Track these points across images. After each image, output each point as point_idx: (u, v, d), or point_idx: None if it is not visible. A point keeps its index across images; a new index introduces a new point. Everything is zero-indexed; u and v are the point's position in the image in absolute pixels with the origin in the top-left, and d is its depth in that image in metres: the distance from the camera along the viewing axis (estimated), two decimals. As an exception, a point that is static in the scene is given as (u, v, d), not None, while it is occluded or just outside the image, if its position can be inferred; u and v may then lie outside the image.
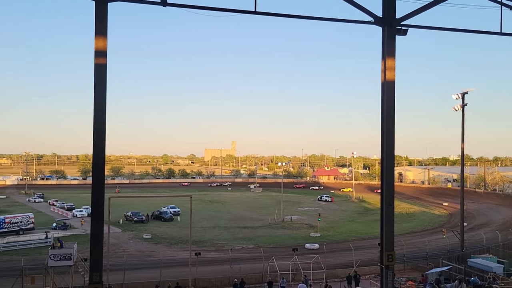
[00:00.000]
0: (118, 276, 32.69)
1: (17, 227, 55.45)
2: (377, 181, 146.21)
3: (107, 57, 16.76)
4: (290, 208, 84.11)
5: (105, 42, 16.53)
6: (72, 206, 78.84)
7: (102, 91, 16.62)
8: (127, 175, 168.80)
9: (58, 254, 31.11)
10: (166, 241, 53.18)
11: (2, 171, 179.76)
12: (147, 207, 75.40)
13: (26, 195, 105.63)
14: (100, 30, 16.33)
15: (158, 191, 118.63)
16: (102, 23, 16.41)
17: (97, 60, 16.47)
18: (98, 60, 16.49)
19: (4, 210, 75.74)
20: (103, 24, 16.43)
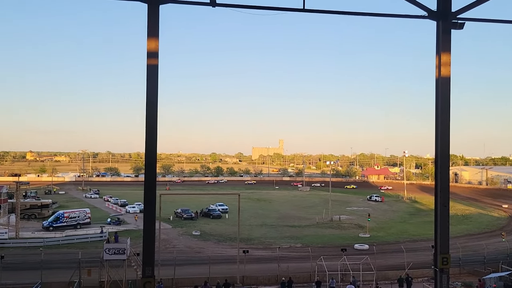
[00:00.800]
0: (168, 271, 33.59)
1: (75, 222, 58.33)
2: (430, 181, 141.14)
3: (158, 58, 17.20)
4: (339, 208, 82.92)
5: (156, 44, 16.97)
6: (125, 202, 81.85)
7: (153, 91, 17.08)
8: (177, 172, 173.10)
9: (113, 248, 32.39)
10: (214, 238, 54.03)
11: (61, 168, 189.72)
12: (196, 204, 76.94)
13: (83, 191, 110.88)
14: (152, 32, 16.78)
15: (207, 189, 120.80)
16: (154, 25, 16.85)
17: (149, 61, 16.92)
18: (150, 61, 16.94)
19: (63, 205, 79.85)
20: (155, 26, 16.87)
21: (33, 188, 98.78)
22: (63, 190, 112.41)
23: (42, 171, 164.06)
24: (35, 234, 53.05)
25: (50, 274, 33.41)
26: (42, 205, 68.91)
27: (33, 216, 65.24)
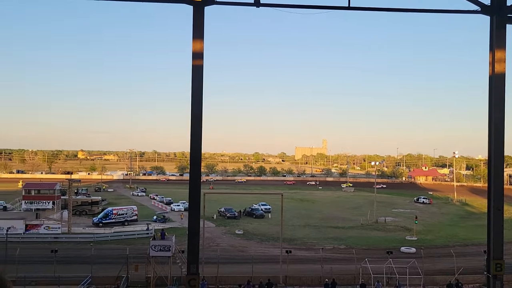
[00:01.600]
0: (212, 269, 34.03)
1: (123, 219, 60.34)
2: (482, 183, 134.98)
3: (203, 58, 17.45)
4: (384, 209, 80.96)
5: (201, 45, 17.22)
6: (171, 200, 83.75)
7: (198, 91, 17.34)
8: (220, 172, 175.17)
9: (159, 245, 33.25)
10: (257, 238, 54.23)
11: (110, 167, 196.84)
12: (239, 203, 77.55)
13: (130, 189, 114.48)
14: (197, 34, 17.05)
15: (250, 188, 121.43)
16: (199, 27, 17.11)
17: (194, 61, 17.20)
18: (195, 62, 17.21)
19: (112, 202, 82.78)
20: (200, 28, 17.13)
21: (84, 186, 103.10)
22: (112, 188, 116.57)
23: (92, 170, 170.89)
24: (85, 230, 55.33)
25: (100, 268, 34.73)
26: (92, 202, 71.75)
27: (84, 212, 68.08)
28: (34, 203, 65.49)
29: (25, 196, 66.94)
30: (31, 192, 66.99)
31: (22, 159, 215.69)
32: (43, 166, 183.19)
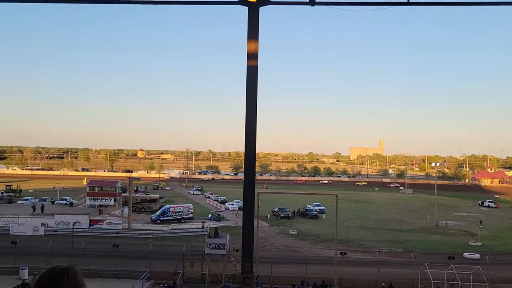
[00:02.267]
0: (265, 268, 34.13)
1: (179, 216, 61.99)
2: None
3: (258, 59, 17.47)
4: (445, 213, 77.35)
5: (256, 45, 17.25)
6: (225, 199, 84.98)
7: (253, 92, 17.40)
8: (274, 172, 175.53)
9: (213, 243, 33.84)
10: (311, 238, 53.74)
11: (167, 166, 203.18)
12: (292, 203, 77.25)
13: (187, 188, 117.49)
14: (252, 34, 17.11)
15: (304, 189, 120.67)
16: (254, 27, 17.16)
17: (249, 62, 17.26)
18: (250, 62, 17.28)
19: (169, 200, 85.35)
20: (254, 28, 17.17)
21: (143, 184, 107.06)
22: (169, 186, 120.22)
23: (150, 168, 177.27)
24: (144, 226, 57.44)
25: (158, 264, 35.89)
26: (150, 200, 74.35)
27: (143, 209, 70.66)
28: (97, 199, 68.98)
29: (89, 193, 70.66)
30: (94, 189, 70.59)
31: (86, 158, 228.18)
32: (105, 164, 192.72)
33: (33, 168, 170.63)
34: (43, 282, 2.39)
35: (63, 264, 2.48)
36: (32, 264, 33.62)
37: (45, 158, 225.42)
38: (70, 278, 2.41)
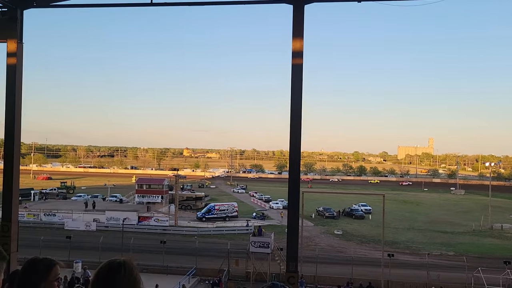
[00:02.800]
0: (310, 268, 33.82)
1: (224, 214, 62.65)
2: None
3: (303, 57, 17.30)
4: (500, 215, 73.50)
5: (301, 44, 17.08)
6: (269, 198, 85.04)
7: (298, 90, 17.24)
8: (318, 171, 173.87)
9: (258, 241, 33.89)
10: (357, 239, 52.74)
11: (212, 164, 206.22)
12: (337, 203, 76.17)
13: (231, 186, 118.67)
14: (297, 32, 16.94)
15: (349, 188, 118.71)
16: (299, 26, 16.99)
17: (294, 60, 17.12)
18: (295, 61, 17.13)
19: (214, 198, 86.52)
20: (299, 27, 17.00)
21: (188, 182, 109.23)
22: (214, 185, 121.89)
23: (196, 167, 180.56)
24: (190, 224, 58.50)
25: (203, 261, 36.48)
26: (196, 198, 75.66)
27: (188, 207, 72.02)
28: (145, 197, 71.01)
29: (138, 190, 72.89)
30: (143, 186, 72.74)
31: (135, 156, 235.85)
32: (153, 162, 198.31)
33: (86, 166, 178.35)
34: (102, 275, 2.49)
35: (121, 258, 2.57)
36: (85, 258, 35.11)
37: (96, 156, 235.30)
38: (127, 271, 2.49)
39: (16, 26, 13.55)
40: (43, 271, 2.82)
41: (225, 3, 17.32)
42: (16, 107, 13.72)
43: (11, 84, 13.66)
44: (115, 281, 2.46)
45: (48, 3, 13.94)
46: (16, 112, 13.85)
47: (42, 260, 2.87)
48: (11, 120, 13.84)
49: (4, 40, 13.41)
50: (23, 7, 13.58)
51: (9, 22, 13.31)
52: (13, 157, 14.17)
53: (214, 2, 15.97)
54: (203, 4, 15.74)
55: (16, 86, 13.82)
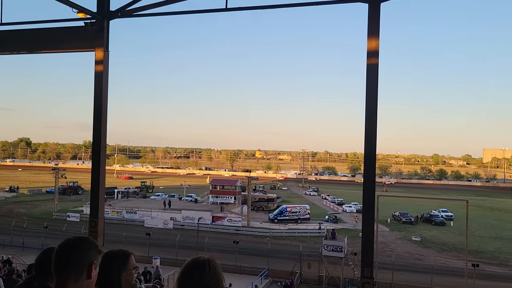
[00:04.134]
0: (385, 275, 32.63)
1: (296, 216, 62.39)
2: None
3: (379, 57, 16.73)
4: None
5: (377, 43, 16.49)
6: (342, 201, 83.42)
7: (373, 91, 16.68)
8: (394, 174, 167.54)
9: (331, 245, 33.36)
10: (437, 246, 49.94)
11: (284, 166, 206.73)
12: (415, 208, 72.68)
13: (303, 188, 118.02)
14: (372, 31, 16.39)
15: (428, 193, 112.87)
16: (375, 24, 16.41)
17: (369, 60, 16.58)
18: (370, 61, 16.58)
19: (286, 200, 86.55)
20: (375, 26, 16.42)
21: (261, 183, 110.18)
22: (286, 186, 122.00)
23: (268, 168, 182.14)
24: (262, 225, 58.99)
25: (275, 262, 36.60)
26: (268, 199, 76.20)
27: (261, 208, 72.70)
28: (219, 197, 72.82)
29: (212, 191, 74.97)
30: (216, 187, 74.69)
31: (209, 158, 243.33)
32: (226, 164, 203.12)
33: (163, 166, 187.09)
34: (188, 271, 2.56)
35: (205, 256, 2.64)
36: (162, 254, 36.76)
37: (173, 157, 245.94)
38: (212, 269, 2.57)
39: (103, 36, 14.49)
40: (122, 260, 3.04)
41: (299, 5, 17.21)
42: (102, 111, 14.66)
43: (98, 90, 14.63)
44: (201, 278, 2.53)
45: (131, 13, 14.76)
46: (102, 116, 14.79)
47: (119, 251, 3.09)
48: (98, 123, 14.80)
49: (92, 49, 14.41)
50: (109, 18, 14.53)
51: (97, 32, 14.28)
52: (100, 157, 15.13)
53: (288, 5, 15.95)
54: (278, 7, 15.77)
55: (102, 92, 14.77)
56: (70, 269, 2.45)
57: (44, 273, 3.46)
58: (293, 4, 15.86)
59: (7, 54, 16.85)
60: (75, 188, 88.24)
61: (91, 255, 2.52)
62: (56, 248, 2.54)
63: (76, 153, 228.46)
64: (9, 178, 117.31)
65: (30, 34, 15.28)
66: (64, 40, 15.12)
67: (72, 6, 13.72)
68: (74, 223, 53.07)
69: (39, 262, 3.52)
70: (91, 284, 2.52)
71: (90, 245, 2.55)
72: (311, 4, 16.54)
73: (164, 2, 14.74)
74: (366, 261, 16.33)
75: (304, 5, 16.53)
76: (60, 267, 2.46)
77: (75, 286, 2.44)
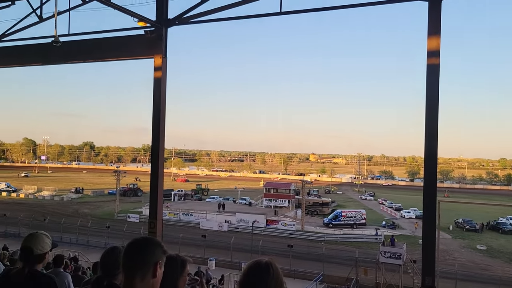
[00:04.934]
0: (447, 284, 31.16)
1: (351, 221, 61.04)
2: None
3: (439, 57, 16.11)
4: None
5: (438, 42, 15.90)
6: (400, 206, 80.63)
7: (434, 92, 16.05)
8: (457, 179, 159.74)
9: (388, 251, 32.31)
10: (505, 256, 46.88)
11: (338, 170, 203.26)
12: (480, 215, 68.78)
13: (358, 193, 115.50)
14: (432, 30, 15.83)
15: (494, 199, 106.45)
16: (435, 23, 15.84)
17: (429, 60, 16.00)
18: (430, 61, 16.00)
19: (341, 204, 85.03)
20: (436, 24, 15.85)
21: (315, 187, 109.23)
22: (340, 191, 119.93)
23: (322, 172, 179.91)
24: (317, 229, 58.28)
25: (330, 267, 36.03)
26: (322, 203, 75.23)
27: (315, 212, 71.92)
28: (272, 200, 72.91)
29: (266, 194, 75.19)
30: (270, 190, 74.83)
31: (263, 161, 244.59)
32: (280, 167, 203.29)
33: (218, 169, 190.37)
34: (251, 274, 2.58)
35: (265, 259, 2.66)
36: (217, 256, 37.30)
37: (227, 161, 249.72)
38: (275, 272, 2.60)
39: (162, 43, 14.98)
40: (180, 267, 3.13)
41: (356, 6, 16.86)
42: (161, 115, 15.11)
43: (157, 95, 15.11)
44: (266, 281, 2.55)
45: (188, 20, 15.15)
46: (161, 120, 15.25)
47: (178, 256, 3.18)
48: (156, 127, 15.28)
49: (151, 56, 14.92)
50: (167, 25, 15.00)
51: (156, 40, 14.78)
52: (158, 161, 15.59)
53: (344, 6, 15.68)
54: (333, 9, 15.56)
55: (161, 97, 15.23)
56: (137, 267, 2.53)
57: (109, 271, 3.60)
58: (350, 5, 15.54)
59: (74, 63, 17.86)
60: (135, 190, 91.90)
61: (157, 255, 2.59)
62: (124, 247, 2.64)
63: (135, 156, 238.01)
64: (75, 180, 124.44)
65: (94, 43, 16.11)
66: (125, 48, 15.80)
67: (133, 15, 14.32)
68: (134, 224, 55.14)
69: (105, 261, 3.67)
70: (156, 283, 2.59)
71: (156, 245, 2.64)
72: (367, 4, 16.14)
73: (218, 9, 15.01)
74: (427, 270, 15.65)
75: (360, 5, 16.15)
76: (128, 265, 2.56)
77: (141, 285, 2.51)
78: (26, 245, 3.69)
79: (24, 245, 3.72)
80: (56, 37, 11.99)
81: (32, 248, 3.66)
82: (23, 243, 3.74)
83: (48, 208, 71.80)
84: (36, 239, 3.74)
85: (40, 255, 3.70)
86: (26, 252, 3.66)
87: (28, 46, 16.86)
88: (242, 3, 14.89)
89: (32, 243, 3.70)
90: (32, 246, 3.67)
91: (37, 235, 3.83)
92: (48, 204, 77.02)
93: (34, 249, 3.67)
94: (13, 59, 17.29)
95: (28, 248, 3.67)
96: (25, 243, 3.72)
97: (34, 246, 3.68)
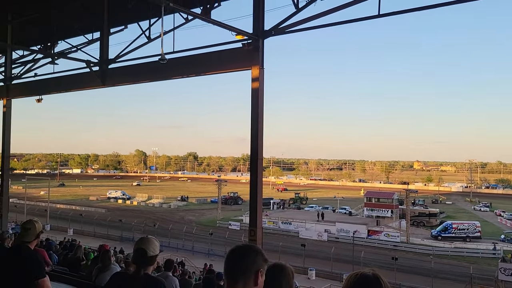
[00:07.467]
0: None
1: (464, 234, 56.23)
2: None
3: None
4: None
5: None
6: (522, 218, 72.57)
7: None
8: None
9: (510, 268, 29.21)
10: None
11: (447, 178, 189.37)
12: None
13: (471, 203, 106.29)
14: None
15: None
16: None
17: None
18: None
19: (450, 215, 78.97)
20: None
21: (420, 197, 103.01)
22: (450, 201, 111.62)
23: (428, 180, 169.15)
24: (424, 242, 54.77)
25: (440, 283, 33.59)
26: (429, 214, 70.63)
27: (421, 223, 67.70)
28: (374, 210, 70.22)
29: (367, 204, 72.71)
30: (371, 200, 72.22)
31: (362, 169, 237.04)
32: (381, 176, 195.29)
33: (316, 178, 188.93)
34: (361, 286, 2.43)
35: (370, 271, 2.51)
36: (317, 266, 36.81)
37: (326, 169, 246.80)
38: (385, 285, 2.44)
39: (259, 55, 15.33)
40: (289, 275, 3.16)
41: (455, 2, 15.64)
42: (259, 125, 15.42)
43: (255, 106, 15.45)
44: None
45: (284, 30, 15.32)
46: (259, 130, 15.55)
47: (285, 265, 3.22)
48: (255, 137, 15.62)
49: (249, 68, 15.34)
50: (264, 37, 15.33)
51: (253, 51, 15.18)
52: (257, 170, 15.89)
53: (449, 2, 14.59)
54: (436, 7, 14.57)
55: (259, 107, 15.55)
56: (239, 274, 2.59)
57: None
58: (452, 2, 14.41)
59: (178, 78, 19.05)
60: (235, 199, 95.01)
61: (258, 263, 2.63)
62: (227, 254, 2.71)
63: (235, 166, 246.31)
64: (180, 188, 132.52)
65: (195, 59, 17.04)
66: (224, 61, 16.47)
67: (232, 30, 14.90)
68: (235, 231, 56.81)
69: None
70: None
71: (257, 252, 2.68)
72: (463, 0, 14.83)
73: (313, 17, 14.95)
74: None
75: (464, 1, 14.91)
76: (230, 271, 2.62)
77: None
78: (140, 246, 3.95)
79: (138, 246, 3.98)
80: (162, 55, 12.88)
81: (146, 250, 3.91)
82: (137, 245, 4.00)
83: (157, 214, 77.31)
84: (148, 242, 3.99)
85: (152, 257, 3.94)
86: (141, 253, 3.92)
87: (139, 65, 18.38)
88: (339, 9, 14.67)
89: (145, 245, 3.95)
90: (145, 248, 3.93)
91: (148, 238, 4.09)
92: (157, 211, 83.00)
93: (148, 250, 3.92)
94: (128, 77, 18.98)
95: (142, 249, 3.92)
96: (139, 245, 3.99)
97: (147, 248, 3.93)
